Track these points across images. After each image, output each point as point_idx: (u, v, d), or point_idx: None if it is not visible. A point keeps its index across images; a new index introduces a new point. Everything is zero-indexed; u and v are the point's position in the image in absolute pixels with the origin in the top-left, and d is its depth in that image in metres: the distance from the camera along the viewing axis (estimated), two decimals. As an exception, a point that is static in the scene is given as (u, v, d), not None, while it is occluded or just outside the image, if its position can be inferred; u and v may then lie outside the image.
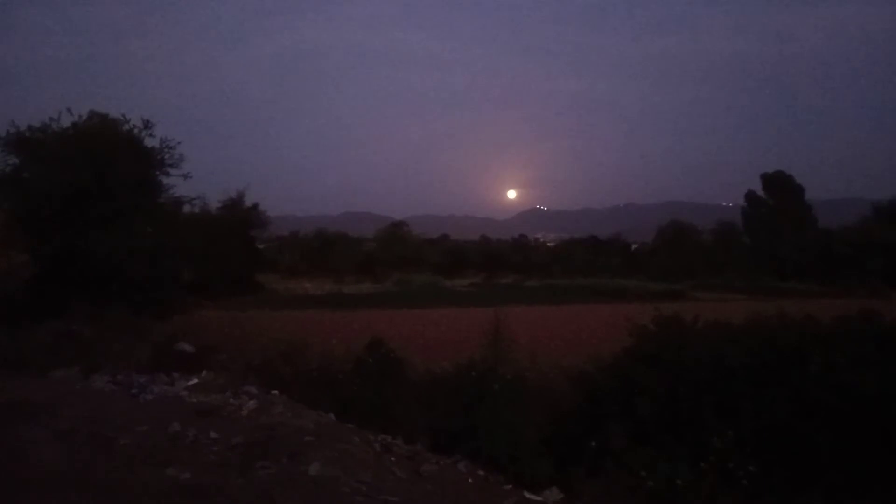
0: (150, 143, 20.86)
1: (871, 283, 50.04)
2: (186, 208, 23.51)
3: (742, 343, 9.86)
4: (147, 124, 20.81)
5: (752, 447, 8.78)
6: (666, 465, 8.17)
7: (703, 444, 8.89)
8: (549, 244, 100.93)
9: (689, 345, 10.20)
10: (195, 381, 10.54)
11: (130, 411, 8.09)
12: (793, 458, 8.86)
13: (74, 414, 7.72)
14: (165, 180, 21.25)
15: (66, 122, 19.89)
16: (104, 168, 18.49)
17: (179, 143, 21.08)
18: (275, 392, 9.98)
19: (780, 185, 72.79)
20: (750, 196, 74.99)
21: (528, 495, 7.03)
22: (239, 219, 47.94)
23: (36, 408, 7.87)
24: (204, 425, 7.48)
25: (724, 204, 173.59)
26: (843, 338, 9.66)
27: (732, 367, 9.50)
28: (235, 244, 45.12)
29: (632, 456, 8.45)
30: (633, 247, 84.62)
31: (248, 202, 49.32)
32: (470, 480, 7.28)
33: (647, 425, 9.59)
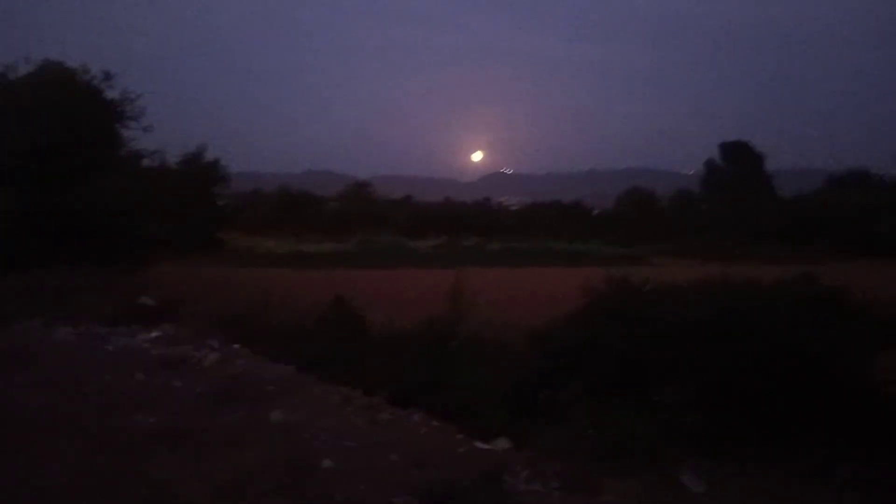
0: (110, 94, 20.53)
1: (825, 249, 51.63)
2: (146, 162, 23.19)
3: (685, 302, 10.38)
4: (107, 75, 20.49)
5: (697, 403, 9.31)
6: (611, 418, 8.66)
7: (649, 399, 9.42)
8: (512, 208, 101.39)
9: (638, 305, 10.69)
10: (156, 334, 10.68)
11: (95, 361, 8.25)
12: (740, 412, 9.40)
13: (44, 363, 7.86)
14: (126, 133, 20.99)
15: (23, 71, 19.42)
16: (65, 120, 18.17)
17: (140, 95, 20.81)
18: (236, 346, 10.18)
19: (738, 154, 74.27)
20: (709, 164, 76.49)
21: (478, 444, 7.40)
22: (199, 174, 47.14)
23: (5, 357, 7.99)
24: (168, 375, 7.69)
25: (685, 172, 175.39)
26: (782, 299, 10.22)
27: (676, 325, 10.00)
28: (196, 200, 44.46)
29: (579, 409, 8.92)
30: (595, 212, 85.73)
31: (209, 158, 48.47)
32: (423, 430, 7.63)
33: (596, 381, 10.07)
